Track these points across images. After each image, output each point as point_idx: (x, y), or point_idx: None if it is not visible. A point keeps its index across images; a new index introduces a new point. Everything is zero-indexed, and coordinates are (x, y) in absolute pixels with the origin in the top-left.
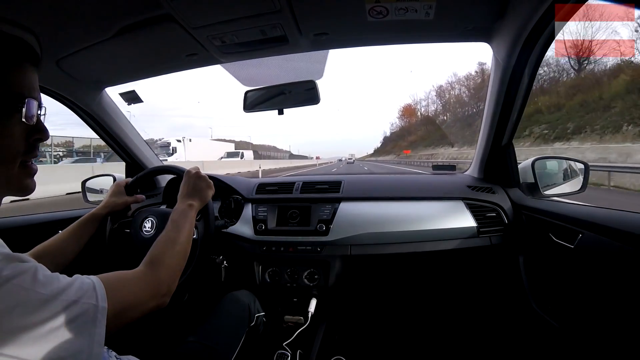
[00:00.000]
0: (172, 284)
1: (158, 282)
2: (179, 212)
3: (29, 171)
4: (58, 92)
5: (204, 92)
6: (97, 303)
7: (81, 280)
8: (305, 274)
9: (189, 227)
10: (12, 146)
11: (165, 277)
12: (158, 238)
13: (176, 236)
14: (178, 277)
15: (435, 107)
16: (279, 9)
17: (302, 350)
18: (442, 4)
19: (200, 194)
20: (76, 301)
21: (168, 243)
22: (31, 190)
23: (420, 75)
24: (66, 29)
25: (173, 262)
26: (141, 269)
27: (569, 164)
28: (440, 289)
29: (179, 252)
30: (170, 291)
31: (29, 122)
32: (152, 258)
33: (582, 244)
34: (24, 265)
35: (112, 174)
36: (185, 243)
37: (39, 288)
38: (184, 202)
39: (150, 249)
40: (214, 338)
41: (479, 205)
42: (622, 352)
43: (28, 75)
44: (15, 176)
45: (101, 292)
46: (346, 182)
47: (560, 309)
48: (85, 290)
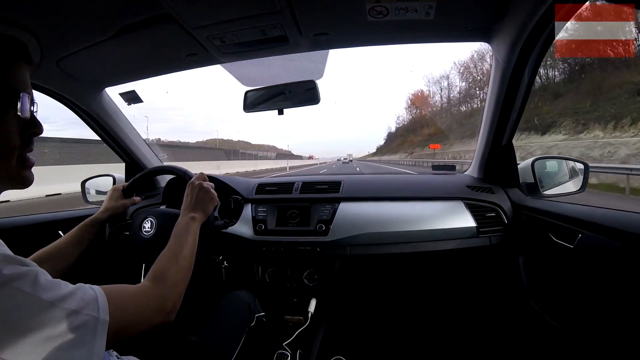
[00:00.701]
0: (177, 299)
1: (163, 298)
2: (181, 226)
3: (27, 164)
4: (58, 92)
5: (206, 91)
6: (99, 315)
7: (84, 290)
8: (305, 274)
9: (192, 241)
10: (10, 140)
11: (170, 292)
12: (161, 253)
13: (180, 251)
14: (183, 293)
15: (460, 89)
16: (279, 9)
17: (302, 350)
18: (442, 4)
19: (202, 206)
20: (77, 311)
21: (172, 258)
22: (30, 182)
23: (421, 74)
24: (66, 29)
25: (178, 277)
26: (145, 284)
27: (569, 164)
28: (440, 289)
29: (183, 267)
30: (175, 308)
31: (24, 116)
32: (156, 273)
33: (581, 244)
34: (25, 269)
35: (111, 174)
36: (189, 257)
37: (40, 293)
38: (187, 215)
39: (154, 264)
40: (214, 338)
41: (479, 205)
42: (621, 351)
43: (22, 71)
44: (14, 169)
45: (103, 304)
46: (346, 182)
47: (559, 308)
48: (87, 301)
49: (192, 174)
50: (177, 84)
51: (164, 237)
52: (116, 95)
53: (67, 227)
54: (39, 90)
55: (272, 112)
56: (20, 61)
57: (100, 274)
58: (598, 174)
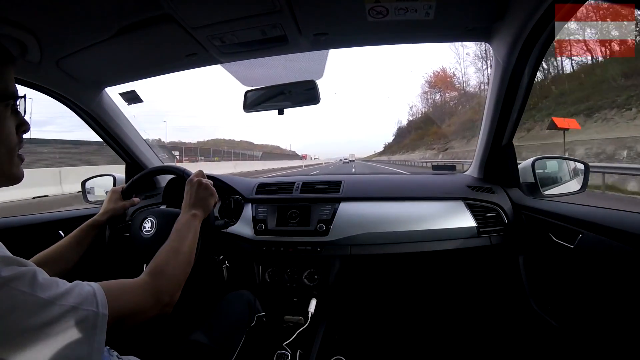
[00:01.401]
0: (175, 293)
1: (160, 291)
2: (182, 222)
3: (19, 161)
4: (58, 92)
5: (210, 92)
6: (98, 310)
7: (81, 286)
8: (305, 274)
9: (193, 237)
10: (10, 141)
11: (167, 286)
12: (161, 248)
13: (179, 246)
14: (181, 287)
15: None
16: (279, 9)
17: (302, 350)
18: (442, 4)
19: (203, 204)
20: (76, 307)
21: (171, 253)
22: (21, 178)
23: (421, 73)
24: (66, 29)
25: (176, 272)
26: (143, 277)
27: (569, 164)
28: (440, 289)
29: (182, 263)
30: (173, 301)
31: (23, 116)
32: (154, 267)
33: (582, 244)
34: (23, 269)
35: (112, 174)
36: (189, 253)
37: (38, 292)
38: (188, 212)
39: (153, 259)
40: (214, 338)
41: (479, 205)
42: (621, 351)
43: (12, 72)
44: (14, 167)
45: (102, 299)
46: (346, 182)
47: (559, 308)
48: (85, 297)
49: (191, 172)
50: (177, 84)
51: (165, 237)
52: (116, 95)
53: (67, 227)
54: (39, 90)
55: (275, 112)
56: (10, 62)
57: (100, 275)
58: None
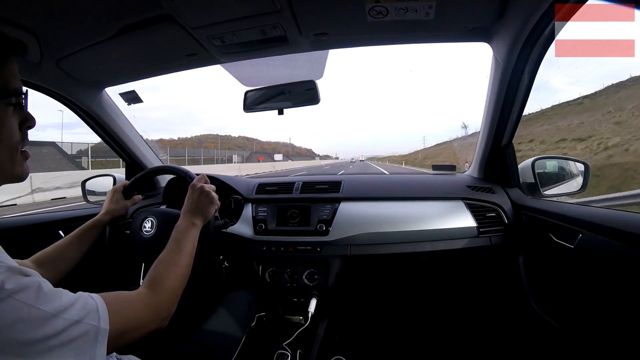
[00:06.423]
0: (172, 306)
1: (159, 305)
2: (181, 231)
3: (24, 158)
4: (58, 92)
5: (208, 90)
6: (99, 325)
7: (85, 299)
8: (305, 274)
9: (191, 248)
10: (14, 137)
11: (166, 300)
12: (159, 257)
13: (178, 258)
14: (178, 300)
15: None
16: (279, 9)
17: (302, 350)
18: (442, 4)
19: (203, 212)
20: (79, 321)
21: (170, 265)
22: (26, 175)
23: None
24: (66, 29)
25: (174, 285)
26: (142, 290)
27: (569, 164)
28: (440, 289)
29: (180, 275)
30: (169, 314)
31: (22, 112)
32: (153, 280)
33: (582, 244)
34: (27, 280)
35: (112, 174)
36: (187, 265)
37: (42, 305)
38: (187, 219)
39: (151, 270)
40: (214, 338)
41: (479, 205)
42: (621, 351)
43: (15, 66)
44: (17, 164)
45: (104, 313)
46: (346, 182)
47: (559, 308)
48: (88, 311)
49: (194, 175)
50: (177, 84)
51: (164, 237)
52: (116, 95)
53: (67, 227)
54: (39, 90)
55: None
56: (12, 56)
57: (100, 274)
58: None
